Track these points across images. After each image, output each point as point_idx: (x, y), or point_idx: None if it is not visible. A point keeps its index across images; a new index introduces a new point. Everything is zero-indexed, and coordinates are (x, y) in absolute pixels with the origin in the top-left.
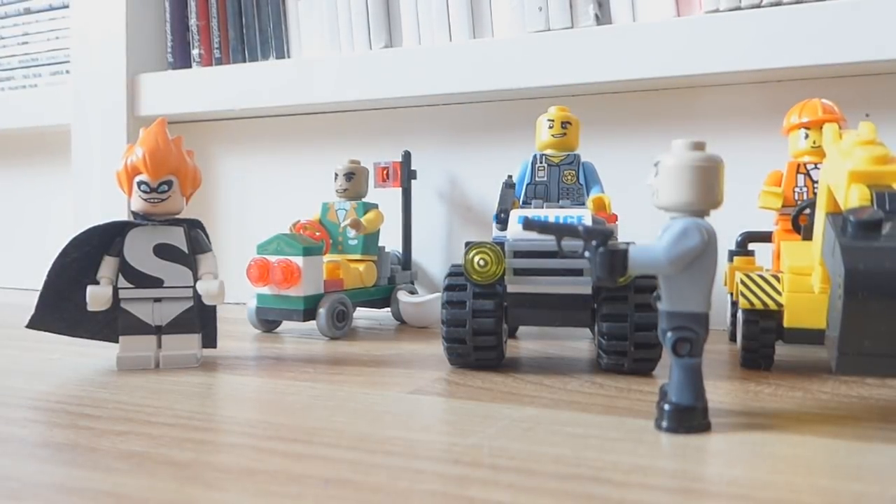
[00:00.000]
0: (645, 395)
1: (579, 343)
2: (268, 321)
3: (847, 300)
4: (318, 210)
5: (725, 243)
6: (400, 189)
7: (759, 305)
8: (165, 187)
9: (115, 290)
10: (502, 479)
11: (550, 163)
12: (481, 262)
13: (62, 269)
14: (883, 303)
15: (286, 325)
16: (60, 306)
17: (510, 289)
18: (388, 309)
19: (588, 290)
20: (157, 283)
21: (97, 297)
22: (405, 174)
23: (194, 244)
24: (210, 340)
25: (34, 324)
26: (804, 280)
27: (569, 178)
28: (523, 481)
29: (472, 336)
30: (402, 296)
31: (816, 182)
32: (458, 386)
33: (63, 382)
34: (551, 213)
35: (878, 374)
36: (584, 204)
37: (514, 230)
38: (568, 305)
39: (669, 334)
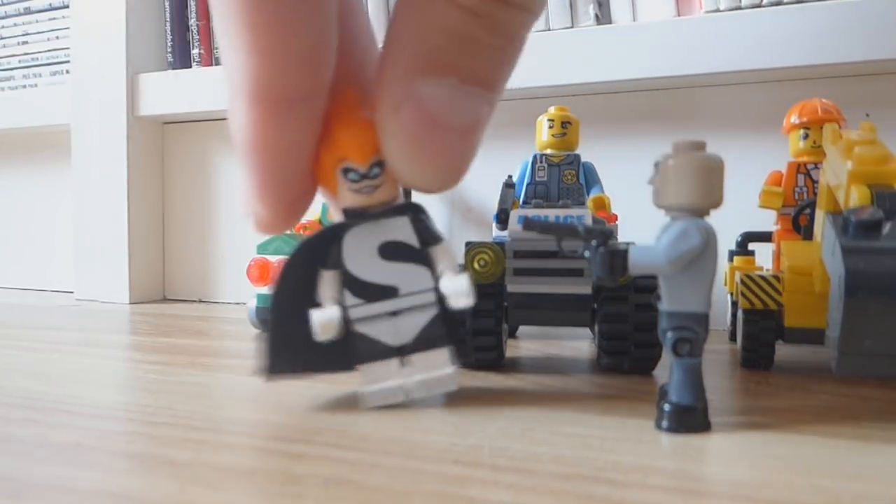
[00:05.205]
0: (645, 395)
1: (579, 343)
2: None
3: (847, 300)
4: (318, 210)
5: (725, 243)
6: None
7: (759, 305)
8: (377, 170)
9: (344, 310)
10: (502, 479)
11: (550, 163)
12: (482, 263)
13: (283, 304)
14: (883, 303)
15: None
16: (293, 345)
17: (510, 289)
18: None
19: (588, 290)
20: (390, 292)
21: (327, 323)
22: None
23: (424, 234)
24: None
25: (270, 372)
26: (804, 280)
27: (569, 178)
28: (523, 481)
29: (472, 336)
30: None
31: (816, 182)
32: (458, 386)
33: (62, 382)
34: (551, 213)
35: (878, 374)
36: (584, 204)
37: (514, 230)
38: (568, 305)
39: (669, 334)
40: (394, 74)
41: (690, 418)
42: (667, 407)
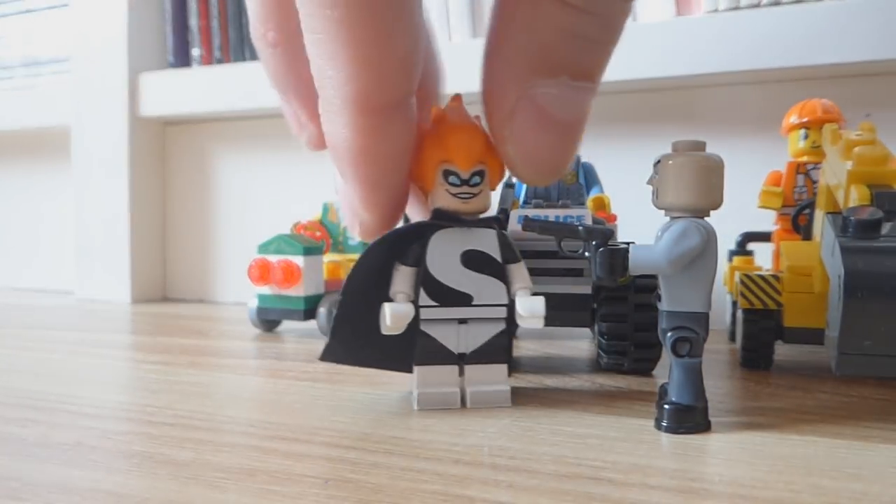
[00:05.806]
0: (645, 395)
1: (579, 343)
2: (268, 321)
3: (847, 300)
4: (318, 210)
5: (725, 243)
6: None
7: (758, 305)
8: (478, 179)
9: (416, 308)
10: (502, 479)
11: None
12: None
13: (353, 292)
14: (883, 303)
15: (286, 324)
16: (355, 334)
17: None
18: None
19: (588, 290)
20: (465, 300)
21: (400, 316)
22: None
23: (506, 251)
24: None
25: (327, 357)
26: (804, 280)
27: (569, 178)
28: (523, 481)
29: None
30: None
31: (816, 182)
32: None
33: (62, 382)
34: (551, 213)
35: (878, 374)
36: (584, 204)
37: (514, 230)
38: (568, 305)
39: (669, 334)
40: (507, 79)
41: (690, 418)
42: (667, 406)
